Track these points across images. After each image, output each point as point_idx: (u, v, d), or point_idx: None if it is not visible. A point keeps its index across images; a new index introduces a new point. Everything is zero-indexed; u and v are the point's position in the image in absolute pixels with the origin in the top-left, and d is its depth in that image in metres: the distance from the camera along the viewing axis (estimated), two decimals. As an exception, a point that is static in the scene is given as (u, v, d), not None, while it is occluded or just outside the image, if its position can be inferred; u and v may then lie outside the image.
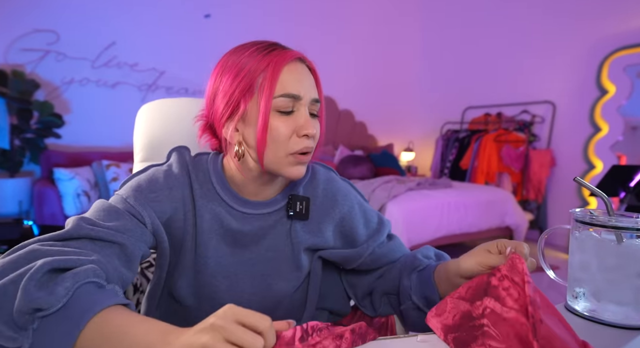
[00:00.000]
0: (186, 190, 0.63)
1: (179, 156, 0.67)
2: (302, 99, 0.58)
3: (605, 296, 0.52)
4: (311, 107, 0.60)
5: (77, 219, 0.52)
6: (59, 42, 3.19)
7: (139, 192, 0.60)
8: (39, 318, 0.39)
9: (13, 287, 0.40)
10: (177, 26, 3.62)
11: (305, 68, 0.60)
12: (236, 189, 0.65)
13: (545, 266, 0.62)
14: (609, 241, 0.52)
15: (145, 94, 3.59)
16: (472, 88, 4.40)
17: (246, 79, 0.57)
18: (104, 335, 0.39)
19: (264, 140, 0.57)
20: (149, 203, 0.59)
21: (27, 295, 0.39)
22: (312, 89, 0.60)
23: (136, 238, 0.55)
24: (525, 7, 3.81)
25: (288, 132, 0.58)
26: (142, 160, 0.90)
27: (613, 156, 3.21)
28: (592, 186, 0.56)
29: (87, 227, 0.51)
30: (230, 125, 0.60)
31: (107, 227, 0.53)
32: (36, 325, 0.39)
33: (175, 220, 0.62)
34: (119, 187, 0.63)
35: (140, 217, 0.58)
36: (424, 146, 4.95)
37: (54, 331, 0.39)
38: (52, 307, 0.39)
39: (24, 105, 2.88)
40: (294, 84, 0.57)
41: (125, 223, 0.55)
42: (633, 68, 3.12)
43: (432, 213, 2.79)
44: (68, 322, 0.39)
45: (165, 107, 0.92)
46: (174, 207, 0.62)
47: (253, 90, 0.57)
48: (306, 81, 0.59)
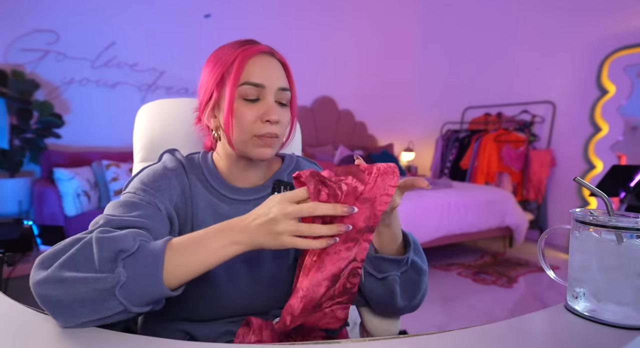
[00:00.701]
0: (184, 180, 0.68)
1: (171, 155, 0.72)
2: (265, 87, 0.63)
3: (606, 296, 0.52)
4: (278, 95, 0.65)
5: (103, 216, 0.55)
6: (59, 42, 3.19)
7: (145, 185, 0.64)
8: (122, 260, 0.46)
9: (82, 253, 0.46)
10: (177, 26, 3.62)
11: (273, 60, 0.66)
12: (225, 178, 0.71)
13: (545, 266, 0.62)
14: (609, 241, 0.52)
15: (145, 94, 3.59)
16: (472, 88, 4.40)
17: (219, 70, 0.65)
18: (182, 252, 0.49)
19: (229, 124, 0.64)
20: (157, 192, 0.64)
21: (107, 243, 0.46)
22: (279, 79, 0.65)
23: (160, 223, 0.60)
24: (526, 7, 3.81)
25: (252, 118, 0.63)
26: (142, 160, 0.90)
27: (613, 156, 3.22)
28: (592, 186, 0.56)
29: (116, 219, 0.54)
30: (208, 112, 0.68)
31: (133, 216, 0.56)
32: (122, 266, 0.45)
33: (179, 206, 0.66)
34: (123, 188, 0.67)
35: (154, 204, 0.62)
36: (424, 146, 4.96)
37: (141, 264, 0.46)
38: (132, 248, 0.47)
39: (23, 105, 2.88)
40: (258, 74, 0.63)
41: (146, 212, 0.59)
42: (633, 68, 3.12)
43: (432, 213, 2.79)
44: (150, 254, 0.47)
45: (165, 107, 0.92)
46: (177, 193, 0.66)
47: (224, 80, 0.64)
48: (272, 72, 0.64)
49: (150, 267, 0.46)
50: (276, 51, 0.68)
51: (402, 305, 0.65)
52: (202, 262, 0.49)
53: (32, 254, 1.83)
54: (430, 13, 4.88)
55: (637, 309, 0.51)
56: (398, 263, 0.63)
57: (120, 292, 0.44)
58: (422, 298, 0.68)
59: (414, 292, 0.66)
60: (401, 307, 0.66)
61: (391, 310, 0.69)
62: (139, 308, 0.46)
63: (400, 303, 0.65)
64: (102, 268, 0.45)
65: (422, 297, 0.68)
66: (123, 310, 0.45)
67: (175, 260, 0.48)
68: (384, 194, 0.52)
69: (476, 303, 2.30)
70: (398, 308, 0.66)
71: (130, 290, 0.45)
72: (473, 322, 0.61)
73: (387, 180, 0.53)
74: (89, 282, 0.44)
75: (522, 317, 0.54)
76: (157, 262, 0.47)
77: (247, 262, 0.67)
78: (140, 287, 0.46)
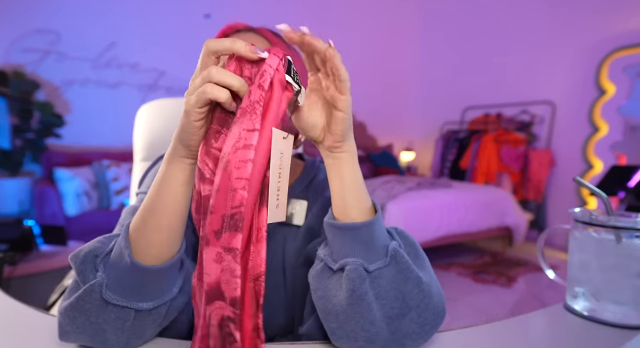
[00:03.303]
0: None
1: None
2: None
3: (605, 296, 0.52)
4: None
5: (118, 225, 0.53)
6: (59, 42, 3.19)
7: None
8: (100, 263, 0.42)
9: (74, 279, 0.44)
10: (177, 26, 3.62)
11: (249, 35, 0.59)
12: None
13: (545, 266, 0.62)
14: (608, 241, 0.53)
15: (146, 94, 3.59)
16: (471, 88, 4.40)
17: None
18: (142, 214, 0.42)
19: None
20: None
21: (80, 256, 0.42)
22: None
23: None
24: (525, 7, 3.82)
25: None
26: (142, 160, 0.91)
27: (612, 156, 3.22)
28: (592, 186, 0.56)
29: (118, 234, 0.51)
30: None
31: None
32: (101, 269, 0.42)
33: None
34: (138, 184, 0.64)
35: None
36: (424, 146, 4.96)
37: (114, 257, 0.42)
38: (106, 249, 0.43)
39: (24, 106, 2.88)
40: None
41: None
42: (633, 68, 3.12)
43: (432, 213, 2.79)
44: (118, 243, 0.43)
45: (165, 107, 0.92)
46: None
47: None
48: None
49: (119, 252, 0.42)
50: (261, 28, 0.60)
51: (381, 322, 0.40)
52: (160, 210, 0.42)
53: (33, 254, 1.83)
54: (430, 13, 4.88)
55: (636, 309, 0.51)
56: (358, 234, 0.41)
57: (108, 292, 0.41)
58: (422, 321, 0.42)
59: (395, 304, 0.41)
60: (381, 328, 0.40)
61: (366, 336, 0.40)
62: (150, 303, 0.42)
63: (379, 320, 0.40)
64: (85, 281, 0.41)
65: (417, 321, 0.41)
66: (130, 310, 0.41)
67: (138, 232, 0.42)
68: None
69: (476, 303, 2.30)
70: (377, 331, 0.40)
71: (117, 287, 0.41)
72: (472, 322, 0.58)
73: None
74: (77, 304, 0.41)
75: (522, 317, 0.54)
76: (121, 244, 0.42)
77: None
78: (123, 279, 0.41)
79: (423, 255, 0.47)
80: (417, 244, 0.47)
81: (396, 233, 0.46)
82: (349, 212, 0.43)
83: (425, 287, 0.42)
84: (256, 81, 0.36)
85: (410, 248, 0.46)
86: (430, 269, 0.47)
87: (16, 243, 1.72)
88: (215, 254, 0.32)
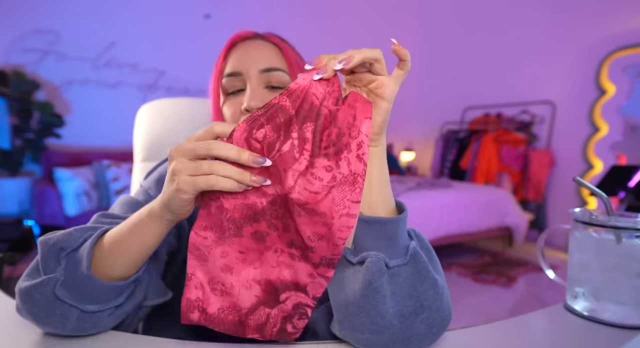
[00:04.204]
0: None
1: None
2: (243, 74, 0.56)
3: (605, 296, 0.52)
4: (264, 78, 0.56)
5: (97, 215, 0.53)
6: (59, 42, 3.19)
7: (161, 182, 0.59)
8: (64, 258, 0.43)
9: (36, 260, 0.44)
10: (177, 26, 3.62)
11: (257, 43, 0.58)
12: None
13: (545, 266, 0.62)
14: (609, 241, 0.53)
15: (146, 94, 3.59)
16: (472, 88, 4.40)
17: (215, 70, 0.61)
18: (112, 237, 0.43)
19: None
20: None
21: (47, 244, 0.43)
22: (261, 60, 0.56)
23: None
24: (525, 7, 3.82)
25: (231, 111, 0.57)
26: (142, 160, 0.91)
27: (612, 156, 3.22)
28: (592, 186, 0.56)
29: (106, 221, 0.51)
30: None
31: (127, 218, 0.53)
32: (63, 264, 0.42)
33: (196, 209, 0.60)
34: (144, 178, 0.64)
35: None
36: (423, 146, 4.96)
37: (76, 260, 0.43)
38: (74, 244, 0.43)
39: (24, 105, 2.88)
40: (235, 62, 0.57)
41: None
42: (632, 68, 3.12)
43: (432, 213, 2.79)
44: (84, 247, 0.43)
45: (165, 107, 0.92)
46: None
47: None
48: (251, 55, 0.57)
49: (80, 258, 0.43)
50: (268, 34, 0.60)
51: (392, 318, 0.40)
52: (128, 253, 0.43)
53: (33, 254, 1.83)
54: (430, 13, 4.88)
55: (636, 309, 0.51)
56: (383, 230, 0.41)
57: (61, 291, 0.41)
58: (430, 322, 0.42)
59: (409, 303, 0.41)
60: (390, 323, 0.40)
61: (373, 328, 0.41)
62: (96, 306, 0.43)
63: (390, 315, 0.40)
64: (45, 270, 0.42)
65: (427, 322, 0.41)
66: (75, 309, 0.42)
67: (103, 250, 0.43)
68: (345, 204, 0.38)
69: (475, 303, 2.30)
70: (385, 325, 0.40)
71: (70, 287, 0.42)
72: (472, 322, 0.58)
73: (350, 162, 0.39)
74: (34, 290, 0.41)
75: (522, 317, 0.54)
76: (83, 252, 0.43)
77: None
78: (77, 282, 0.42)
79: (437, 259, 0.47)
80: (431, 248, 0.47)
81: (414, 235, 0.46)
82: (375, 208, 0.43)
83: (439, 290, 0.43)
84: (354, 151, 0.38)
85: (426, 251, 0.46)
86: (442, 274, 0.46)
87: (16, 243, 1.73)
88: (309, 273, 0.41)
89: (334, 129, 0.39)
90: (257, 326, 0.42)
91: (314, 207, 0.38)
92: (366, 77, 0.42)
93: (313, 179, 0.38)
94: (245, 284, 0.42)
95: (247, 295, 0.42)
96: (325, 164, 0.38)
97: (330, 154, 0.38)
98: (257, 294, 0.42)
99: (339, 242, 0.39)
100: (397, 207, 0.45)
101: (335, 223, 0.38)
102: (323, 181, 0.38)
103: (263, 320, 0.42)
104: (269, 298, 0.42)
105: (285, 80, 0.57)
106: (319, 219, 0.38)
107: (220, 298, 0.42)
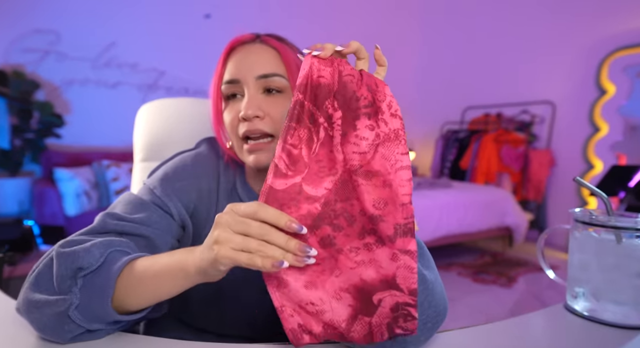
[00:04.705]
0: (212, 183, 0.62)
1: (210, 147, 0.67)
2: (240, 81, 0.56)
3: (605, 296, 0.52)
4: (262, 84, 0.56)
5: (102, 215, 0.52)
6: (59, 42, 3.19)
7: (166, 181, 0.59)
8: (81, 278, 0.43)
9: (47, 269, 0.44)
10: (177, 26, 3.62)
11: (256, 47, 0.58)
12: (252, 186, 0.63)
13: (545, 266, 0.62)
14: (609, 241, 0.53)
15: (146, 94, 3.59)
16: (472, 88, 4.40)
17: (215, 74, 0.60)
18: (137, 276, 0.43)
19: (216, 130, 0.61)
20: (176, 193, 0.58)
21: (65, 259, 0.43)
22: (258, 66, 0.55)
23: (162, 230, 0.55)
24: (525, 7, 3.81)
25: (230, 118, 0.57)
26: (142, 160, 0.90)
27: (613, 156, 3.22)
28: (592, 186, 0.56)
29: (112, 223, 0.51)
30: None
31: (132, 220, 0.52)
32: (80, 284, 0.42)
33: (200, 210, 0.60)
34: (147, 176, 0.63)
35: (166, 208, 0.57)
36: (424, 146, 4.96)
37: (96, 284, 0.43)
38: (93, 266, 0.43)
39: (24, 105, 2.88)
40: (232, 69, 0.57)
41: (150, 216, 0.54)
42: (633, 68, 3.12)
43: (432, 213, 2.79)
44: (105, 274, 0.43)
45: (165, 107, 0.92)
46: (199, 196, 0.60)
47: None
48: (249, 61, 0.56)
49: (101, 288, 0.43)
50: (267, 36, 0.59)
51: None
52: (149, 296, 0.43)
53: (33, 254, 1.83)
54: (430, 13, 4.88)
55: (636, 309, 0.51)
56: None
57: (74, 313, 0.42)
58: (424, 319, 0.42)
59: None
60: None
61: None
62: (102, 325, 0.44)
63: None
64: (60, 287, 0.42)
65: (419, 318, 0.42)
66: (86, 330, 0.43)
67: (127, 285, 0.43)
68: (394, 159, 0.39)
69: (476, 303, 2.30)
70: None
71: (84, 311, 0.42)
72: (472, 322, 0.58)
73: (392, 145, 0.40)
74: (46, 306, 0.42)
75: (522, 317, 0.54)
76: (107, 285, 0.42)
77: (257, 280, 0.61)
78: (92, 309, 0.42)
79: (429, 255, 0.48)
80: (423, 245, 0.47)
81: None
82: None
83: (429, 285, 0.43)
84: (386, 110, 0.40)
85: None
86: (435, 270, 0.47)
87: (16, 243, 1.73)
88: (391, 255, 0.38)
89: (365, 92, 0.41)
90: (364, 336, 0.39)
91: (368, 168, 0.39)
92: None
93: (359, 140, 0.40)
94: (334, 296, 0.40)
95: (340, 306, 0.40)
96: (367, 123, 0.40)
97: (371, 114, 0.40)
98: (350, 303, 0.40)
99: (405, 200, 0.38)
100: None
101: (393, 179, 0.38)
102: (368, 140, 0.40)
103: (366, 331, 0.39)
104: (363, 305, 0.39)
105: (283, 85, 0.56)
106: (378, 180, 0.39)
107: (318, 317, 0.40)
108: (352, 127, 0.40)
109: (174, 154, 0.66)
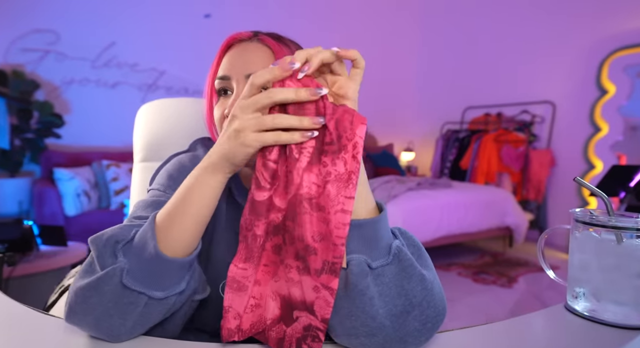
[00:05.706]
0: None
1: (205, 149, 0.67)
2: (230, 78, 0.56)
3: (605, 296, 0.52)
4: None
5: (126, 220, 0.52)
6: (59, 42, 3.19)
7: (173, 180, 0.59)
8: (120, 250, 0.44)
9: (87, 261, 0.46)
10: (177, 26, 3.62)
11: (251, 46, 0.58)
12: (246, 185, 0.63)
13: (545, 266, 0.62)
14: (609, 241, 0.52)
15: (145, 94, 3.59)
16: (472, 88, 4.40)
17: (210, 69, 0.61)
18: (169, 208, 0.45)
19: (209, 126, 0.62)
20: None
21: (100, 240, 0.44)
22: (250, 65, 0.56)
23: None
24: (525, 7, 3.82)
25: (218, 115, 0.57)
26: (142, 160, 0.90)
27: (613, 156, 3.22)
28: (592, 186, 0.56)
29: (137, 223, 0.50)
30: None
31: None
32: (122, 254, 0.44)
33: None
34: (149, 182, 0.63)
35: None
36: (424, 146, 4.96)
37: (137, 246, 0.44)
38: (127, 237, 0.45)
39: (24, 105, 2.88)
40: (226, 65, 0.57)
41: None
42: (633, 68, 3.12)
43: (432, 213, 2.79)
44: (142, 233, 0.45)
45: (165, 107, 0.92)
46: None
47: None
48: (242, 59, 0.57)
49: (144, 242, 0.43)
50: (265, 35, 0.59)
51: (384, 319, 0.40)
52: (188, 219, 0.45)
53: (32, 254, 1.83)
54: (430, 13, 4.88)
55: (636, 309, 0.51)
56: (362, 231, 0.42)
57: (128, 280, 0.42)
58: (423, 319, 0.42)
59: (398, 302, 0.41)
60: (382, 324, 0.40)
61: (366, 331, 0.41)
62: (163, 292, 0.43)
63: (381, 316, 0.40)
64: (105, 262, 0.43)
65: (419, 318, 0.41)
66: (144, 297, 0.42)
67: (165, 225, 0.44)
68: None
69: (476, 303, 2.30)
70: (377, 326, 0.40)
71: (137, 274, 0.42)
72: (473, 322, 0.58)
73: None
74: (99, 283, 0.42)
75: (522, 317, 0.54)
76: (146, 235, 0.44)
77: None
78: (144, 266, 0.43)
79: (426, 255, 0.47)
80: (420, 245, 0.47)
81: (399, 234, 0.46)
82: (354, 209, 0.43)
83: (428, 285, 0.43)
84: (350, 151, 0.40)
85: (413, 248, 0.46)
86: (432, 269, 0.47)
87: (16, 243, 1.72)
88: (314, 286, 0.41)
89: (332, 127, 0.41)
90: (277, 340, 0.43)
91: (318, 201, 0.40)
92: (329, 78, 0.47)
93: (320, 174, 0.41)
94: (271, 295, 0.44)
95: (272, 306, 0.44)
96: (323, 159, 0.41)
97: (330, 152, 0.41)
98: (279, 307, 0.44)
99: (337, 241, 0.39)
100: (377, 207, 0.46)
101: (332, 219, 0.39)
102: (321, 175, 0.41)
103: (281, 336, 0.43)
104: (285, 314, 0.43)
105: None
106: (320, 215, 0.40)
107: (251, 314, 0.44)
108: (318, 160, 0.41)
109: (169, 156, 0.66)
